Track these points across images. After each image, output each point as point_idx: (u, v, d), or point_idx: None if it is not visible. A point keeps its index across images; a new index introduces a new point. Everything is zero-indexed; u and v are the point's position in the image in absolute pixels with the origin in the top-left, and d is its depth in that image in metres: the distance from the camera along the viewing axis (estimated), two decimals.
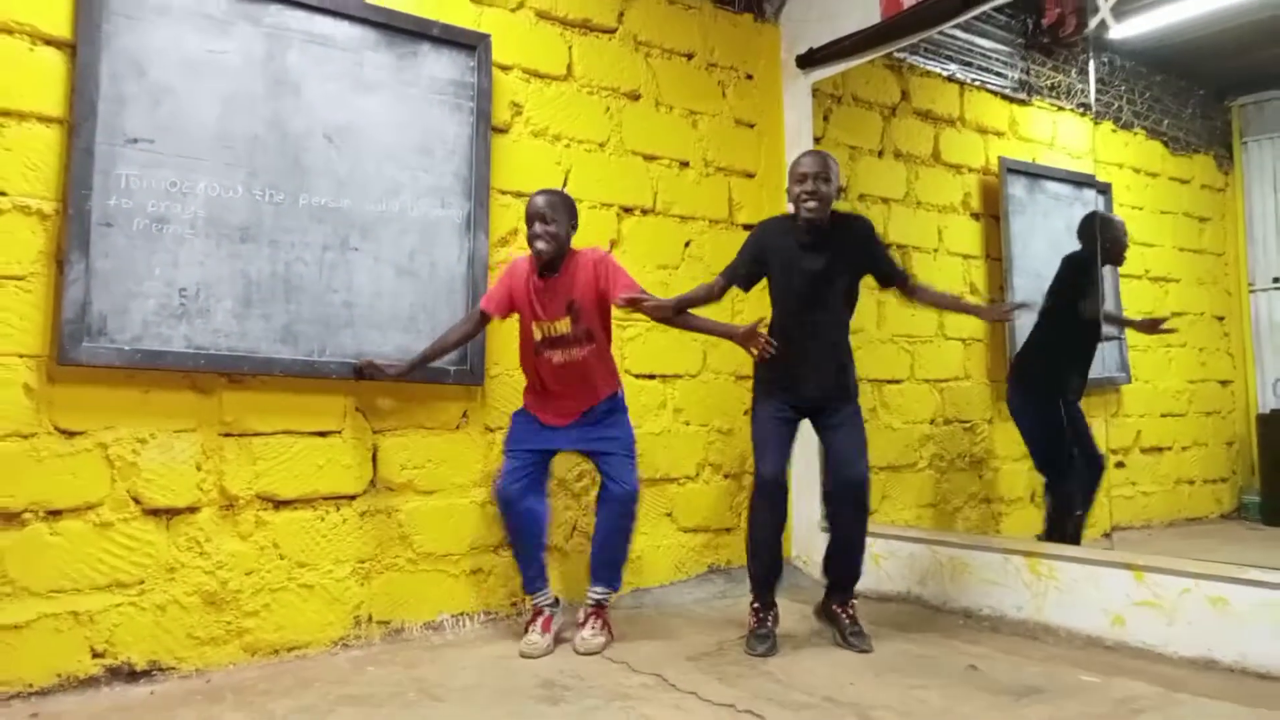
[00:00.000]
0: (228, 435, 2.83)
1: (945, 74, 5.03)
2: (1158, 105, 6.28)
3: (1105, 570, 3.01)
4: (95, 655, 2.58)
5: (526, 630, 2.97)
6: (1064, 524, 4.02)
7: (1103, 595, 3.00)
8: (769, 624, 2.97)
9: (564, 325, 2.97)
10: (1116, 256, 4.29)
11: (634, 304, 2.95)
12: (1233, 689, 2.55)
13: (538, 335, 2.99)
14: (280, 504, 2.90)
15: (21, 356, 2.54)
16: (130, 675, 2.61)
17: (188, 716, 2.38)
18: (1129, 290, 5.71)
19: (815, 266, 3.00)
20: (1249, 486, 6.40)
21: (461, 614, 3.21)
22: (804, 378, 3.01)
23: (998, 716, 2.35)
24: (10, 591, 2.49)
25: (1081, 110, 5.74)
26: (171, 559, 2.71)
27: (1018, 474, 5.02)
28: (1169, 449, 6.01)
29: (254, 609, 2.82)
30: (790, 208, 3.12)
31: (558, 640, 2.99)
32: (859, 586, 3.15)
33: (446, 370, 3.17)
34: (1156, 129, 6.24)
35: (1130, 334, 5.68)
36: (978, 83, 5.18)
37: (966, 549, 3.44)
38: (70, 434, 2.60)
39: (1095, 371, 4.87)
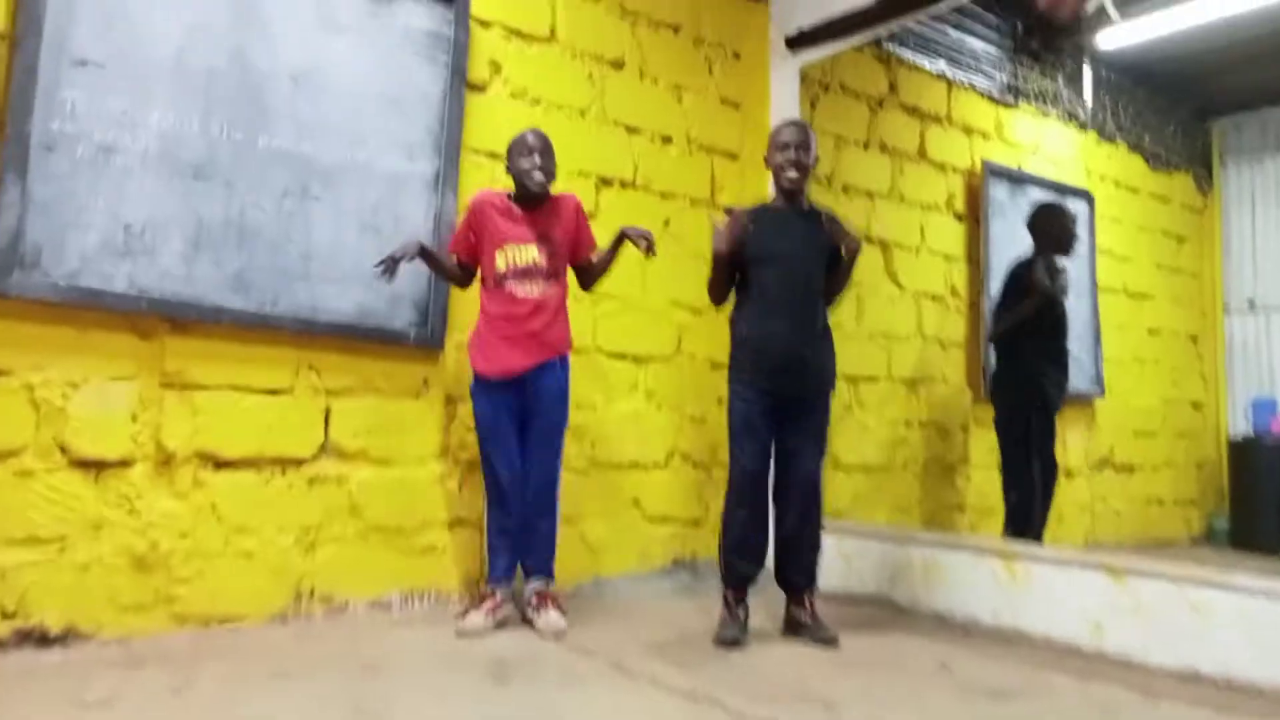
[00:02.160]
0: (169, 386, 2.64)
1: (934, 70, 4.95)
2: (1140, 120, 6.26)
3: (1084, 574, 2.90)
4: (4, 616, 2.37)
5: (469, 612, 2.80)
6: (1021, 529, 3.96)
7: (1081, 600, 2.88)
8: (740, 614, 2.83)
9: (531, 253, 2.85)
10: (1066, 246, 4.20)
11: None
12: (1213, 697, 2.44)
13: (501, 264, 2.84)
14: (221, 464, 2.71)
15: None
16: (42, 639, 2.40)
17: (101, 682, 2.18)
18: (1105, 303, 5.66)
19: (795, 237, 2.88)
20: (1218, 512, 6.38)
21: (411, 592, 3.02)
22: (784, 363, 2.84)
23: (970, 711, 2.22)
24: None
25: (1068, 118, 5.70)
26: (98, 515, 2.51)
27: (991, 482, 4.93)
28: (1140, 468, 5.96)
29: (185, 575, 2.63)
30: (770, 178, 3.02)
31: (499, 627, 2.82)
32: (826, 587, 3.03)
33: (405, 332, 3.00)
34: (1138, 144, 6.22)
35: (1106, 346, 5.62)
36: (965, 82, 5.11)
37: (940, 548, 3.32)
38: None
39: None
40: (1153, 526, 5.99)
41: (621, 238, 2.98)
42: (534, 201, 2.92)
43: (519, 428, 2.87)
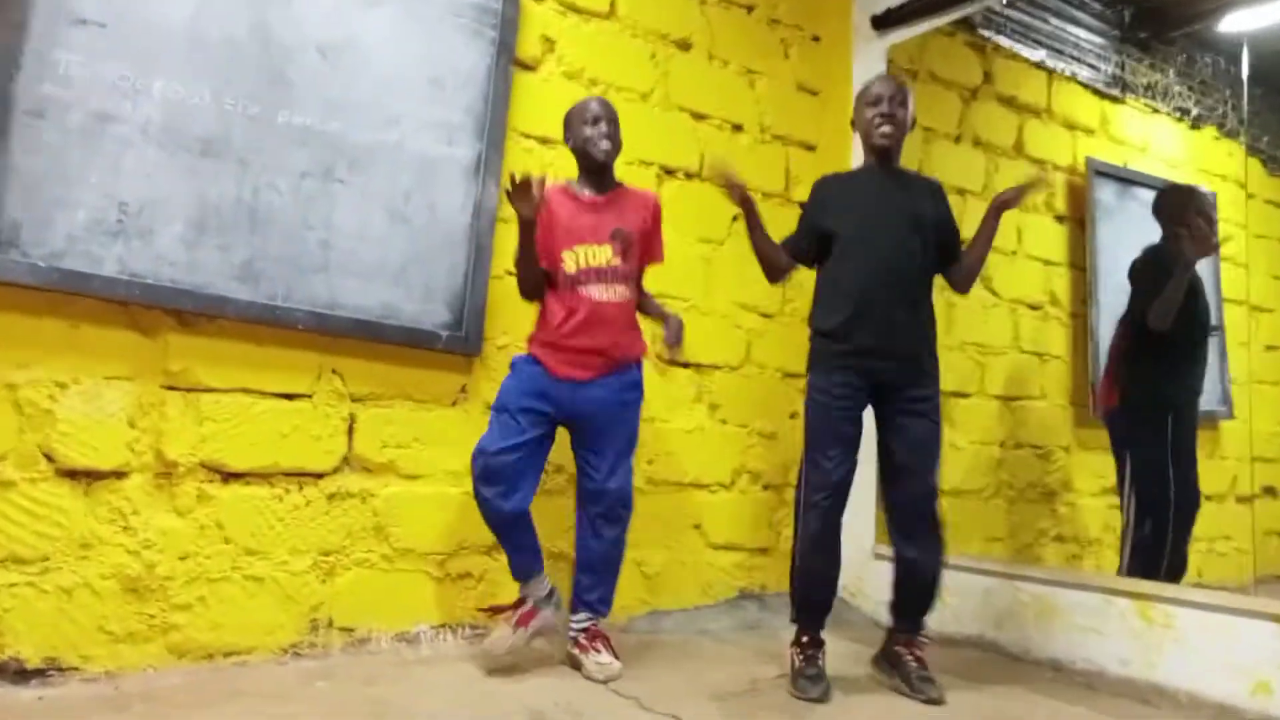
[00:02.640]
0: (171, 388, 2.34)
1: (1033, 60, 4.50)
2: (1257, 119, 5.68)
3: (1243, 622, 2.41)
4: None
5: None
6: (1148, 566, 3.43)
7: (1239, 653, 2.39)
8: (820, 663, 2.40)
9: (606, 254, 2.48)
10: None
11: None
12: None
13: (571, 266, 2.46)
14: (230, 476, 2.40)
15: None
16: (19, 674, 2.10)
17: None
18: (1227, 315, 5.10)
19: (890, 202, 2.48)
20: None
21: (443, 626, 2.67)
22: (876, 344, 2.42)
23: None
24: None
25: (1179, 114, 5.18)
26: (87, 532, 2.21)
27: (1096, 510, 4.41)
28: (1262, 498, 5.35)
29: (186, 601, 2.31)
30: (856, 140, 2.65)
31: (536, 636, 2.44)
32: None
33: (436, 334, 2.67)
34: (1255, 144, 5.64)
35: (1231, 364, 5.06)
36: (1068, 73, 4.64)
37: (1057, 587, 2.84)
38: None
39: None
40: (1272, 562, 5.36)
41: (664, 318, 2.61)
42: (603, 184, 2.55)
43: (562, 427, 2.50)
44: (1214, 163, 5.29)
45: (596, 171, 2.54)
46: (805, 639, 2.42)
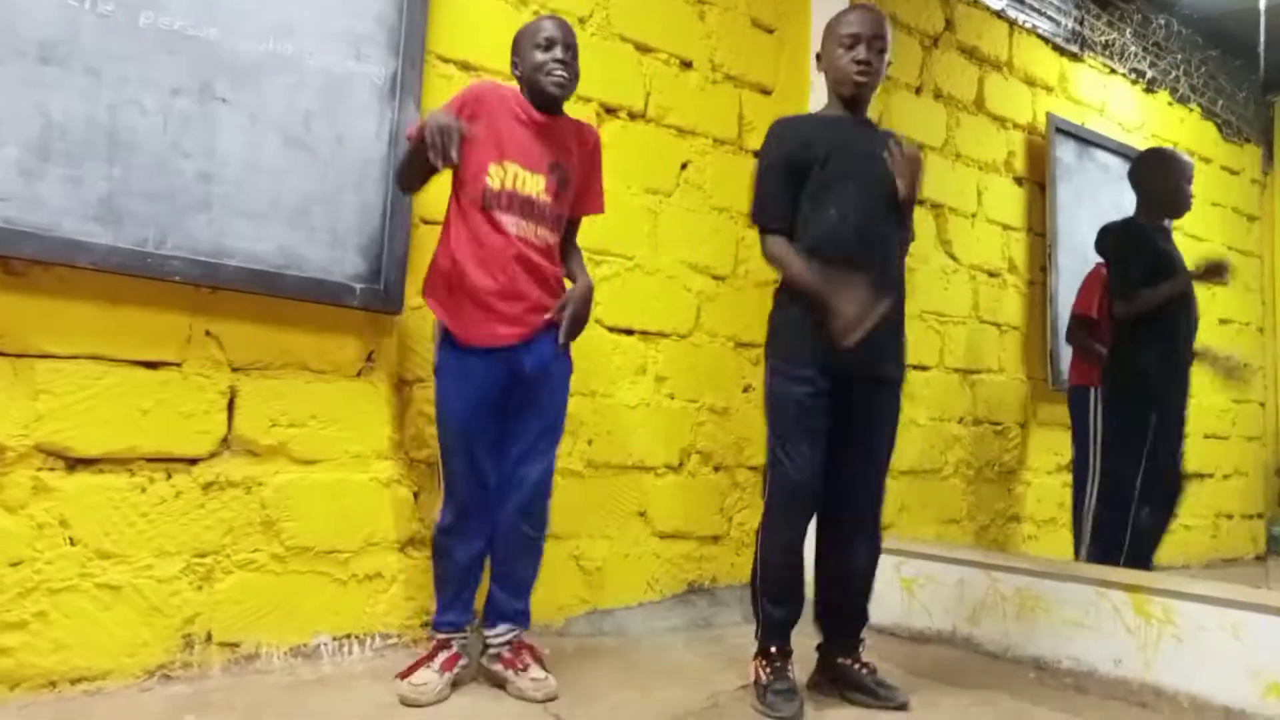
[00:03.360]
0: None
1: (994, 8, 4.23)
2: (1212, 83, 5.54)
3: (1253, 617, 2.17)
4: None
5: (417, 667, 2.03)
6: (1113, 552, 3.22)
7: (1249, 652, 2.15)
8: (790, 675, 2.07)
9: (538, 184, 2.09)
10: (1178, 207, 3.47)
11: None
12: None
13: (494, 182, 2.05)
14: (77, 463, 1.94)
15: None
16: None
17: None
18: None
19: (866, 161, 2.13)
20: (1277, 518, 5.67)
21: (347, 636, 2.26)
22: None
23: None
24: None
25: (1136, 76, 5.00)
26: None
27: (1051, 489, 4.23)
28: (1210, 476, 5.25)
29: (19, 619, 1.86)
30: (815, 81, 2.30)
31: (455, 686, 2.07)
32: (880, 621, 2.31)
33: (349, 287, 2.24)
34: (1211, 109, 5.50)
35: None
36: (1029, 25, 4.38)
37: (1041, 577, 2.57)
38: None
39: None
40: (1222, 544, 5.27)
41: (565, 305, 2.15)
42: (549, 114, 2.14)
43: (500, 418, 2.11)
44: (1168, 129, 5.12)
45: (545, 107, 2.14)
46: (774, 650, 2.09)
